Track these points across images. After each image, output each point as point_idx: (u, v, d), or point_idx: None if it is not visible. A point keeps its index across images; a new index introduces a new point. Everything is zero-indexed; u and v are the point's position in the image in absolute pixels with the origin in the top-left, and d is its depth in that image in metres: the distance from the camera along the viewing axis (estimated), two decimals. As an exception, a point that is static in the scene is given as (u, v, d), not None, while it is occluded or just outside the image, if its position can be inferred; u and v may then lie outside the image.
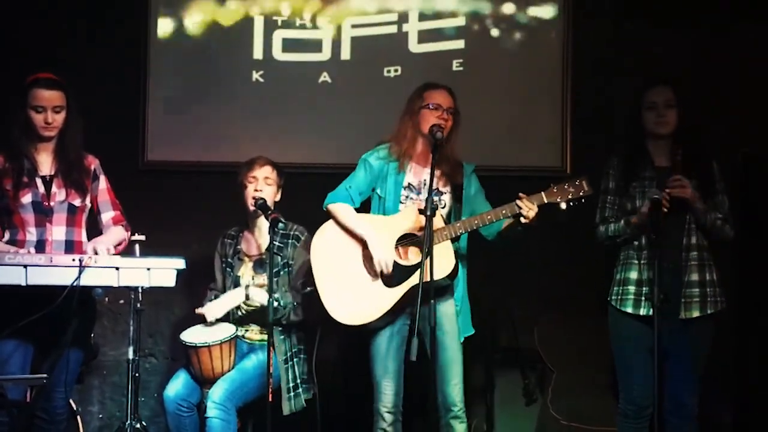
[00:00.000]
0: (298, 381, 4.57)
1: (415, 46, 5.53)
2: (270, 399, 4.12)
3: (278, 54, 5.53)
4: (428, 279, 3.83)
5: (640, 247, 4.16)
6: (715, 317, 4.15)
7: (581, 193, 4.06)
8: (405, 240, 4.25)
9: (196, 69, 5.51)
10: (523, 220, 4.05)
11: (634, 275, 4.17)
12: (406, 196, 4.31)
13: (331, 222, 4.35)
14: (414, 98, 4.35)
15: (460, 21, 5.50)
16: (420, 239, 4.14)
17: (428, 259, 3.84)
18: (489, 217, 4.13)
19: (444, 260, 4.10)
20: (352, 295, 4.23)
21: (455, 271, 4.18)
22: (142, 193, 5.29)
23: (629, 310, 4.14)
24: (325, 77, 5.52)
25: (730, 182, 5.25)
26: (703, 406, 4.28)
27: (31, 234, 4.08)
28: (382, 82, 5.48)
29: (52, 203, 4.12)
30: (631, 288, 4.16)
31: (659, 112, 4.14)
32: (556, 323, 5.26)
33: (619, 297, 4.19)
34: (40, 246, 4.08)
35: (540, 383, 5.20)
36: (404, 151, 4.30)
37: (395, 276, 4.19)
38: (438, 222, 4.13)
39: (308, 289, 4.44)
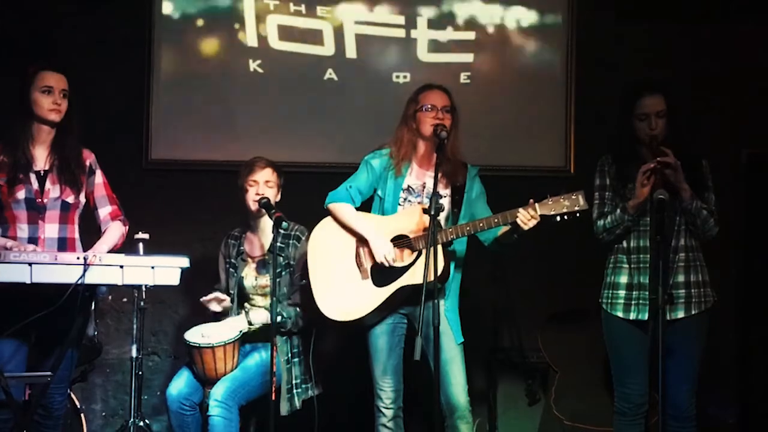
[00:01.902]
0: (298, 381, 4.56)
1: (424, 55, 5.51)
2: (273, 397, 4.13)
3: (275, 42, 5.47)
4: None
5: (629, 251, 4.15)
6: (706, 315, 4.11)
7: (576, 208, 3.97)
8: (398, 241, 4.22)
9: (199, 65, 5.49)
10: (522, 226, 4.00)
11: (624, 279, 4.14)
12: (405, 198, 4.30)
13: (329, 219, 4.37)
14: (409, 103, 4.35)
15: (470, 35, 5.50)
16: (412, 241, 4.16)
17: (428, 259, 3.82)
18: (481, 224, 4.11)
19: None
20: (341, 292, 4.25)
21: (444, 274, 4.14)
22: (146, 191, 5.30)
23: (620, 314, 4.12)
24: (330, 74, 5.50)
25: (732, 182, 5.32)
26: (706, 406, 4.28)
27: (23, 231, 4.00)
28: (391, 87, 5.45)
29: (45, 200, 4.03)
30: (621, 292, 4.13)
31: (651, 124, 4.08)
32: (560, 323, 5.25)
33: (609, 301, 4.17)
34: (33, 243, 3.97)
35: (543, 383, 5.20)
36: (402, 156, 4.30)
37: (385, 276, 4.20)
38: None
39: (303, 281, 4.46)
